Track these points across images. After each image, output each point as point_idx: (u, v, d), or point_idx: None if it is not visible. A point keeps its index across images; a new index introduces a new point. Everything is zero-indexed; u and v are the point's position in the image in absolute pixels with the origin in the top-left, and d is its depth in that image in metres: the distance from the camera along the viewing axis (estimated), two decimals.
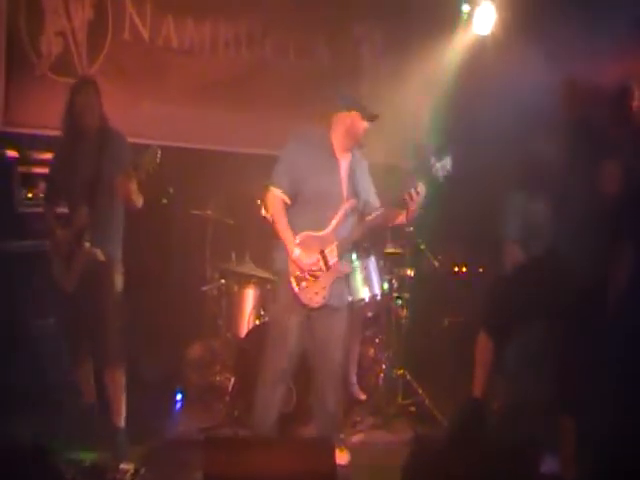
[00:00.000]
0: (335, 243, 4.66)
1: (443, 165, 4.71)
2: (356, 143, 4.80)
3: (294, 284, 4.65)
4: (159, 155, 4.55)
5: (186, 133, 6.76)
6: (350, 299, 5.92)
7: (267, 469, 3.80)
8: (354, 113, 4.70)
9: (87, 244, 4.69)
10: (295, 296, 4.66)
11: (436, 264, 6.63)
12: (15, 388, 5.16)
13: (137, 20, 6.62)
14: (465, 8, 7.51)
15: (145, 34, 6.66)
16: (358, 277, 5.94)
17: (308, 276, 4.64)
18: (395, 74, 7.62)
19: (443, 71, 7.60)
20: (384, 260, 6.30)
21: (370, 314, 6.36)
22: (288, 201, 4.65)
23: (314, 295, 4.66)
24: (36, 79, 6.16)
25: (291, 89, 7.16)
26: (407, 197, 4.56)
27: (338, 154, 4.77)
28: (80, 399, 5.06)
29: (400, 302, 6.30)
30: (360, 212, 4.81)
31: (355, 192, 4.78)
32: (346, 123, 4.72)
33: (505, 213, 5.66)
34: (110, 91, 6.25)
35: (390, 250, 6.39)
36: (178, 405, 6.03)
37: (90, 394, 5.07)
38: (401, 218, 4.80)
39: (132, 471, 4.63)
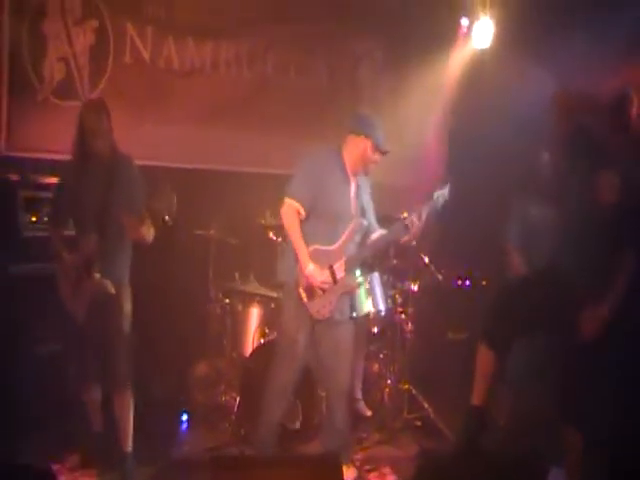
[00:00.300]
0: (343, 259, 4.76)
1: (442, 194, 4.90)
2: (364, 170, 4.90)
3: (303, 295, 4.73)
4: (175, 202, 4.55)
5: (189, 153, 6.80)
6: (354, 315, 5.99)
7: None
8: (368, 142, 4.77)
9: (97, 275, 4.68)
10: (304, 307, 4.74)
11: (440, 277, 6.64)
12: (19, 412, 5.16)
13: (138, 42, 6.66)
14: (464, 22, 7.56)
15: (146, 56, 6.69)
16: (362, 293, 5.98)
17: (317, 289, 4.71)
18: (395, 90, 7.68)
19: (443, 86, 7.65)
20: (388, 275, 6.33)
21: (375, 329, 6.36)
22: (303, 213, 4.72)
23: (321, 308, 4.74)
24: (39, 104, 6.18)
25: (292, 108, 7.21)
26: (409, 224, 4.76)
27: (350, 173, 4.85)
28: (87, 424, 5.08)
29: (404, 317, 6.32)
30: (365, 231, 4.91)
31: (362, 211, 4.89)
32: (360, 148, 4.81)
33: (506, 219, 5.72)
34: (112, 113, 6.31)
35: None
36: (184, 425, 6.02)
37: (97, 422, 5.08)
38: (405, 238, 4.91)
39: None
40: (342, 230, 4.76)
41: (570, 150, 4.75)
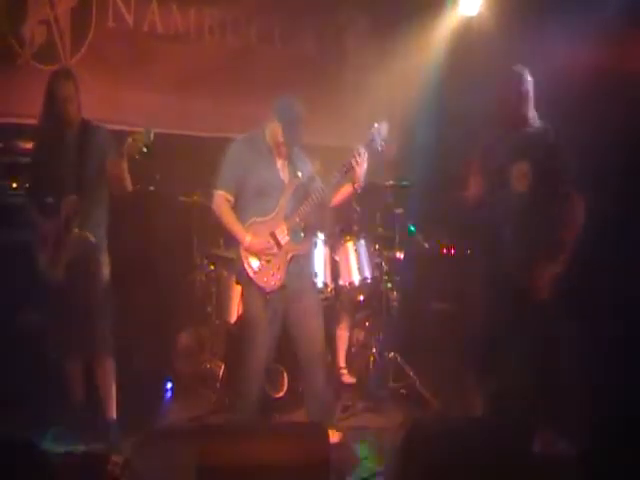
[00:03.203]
0: (284, 223, 4.81)
1: (378, 130, 4.82)
2: (278, 151, 4.90)
3: (249, 270, 4.77)
4: (152, 135, 4.53)
5: (172, 119, 6.72)
6: (341, 283, 5.98)
7: (262, 454, 3.81)
8: (280, 128, 4.81)
9: (76, 230, 4.68)
10: (251, 281, 4.77)
11: (426, 246, 6.62)
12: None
13: (121, 6, 6.55)
14: None
15: (130, 21, 6.60)
16: (351, 260, 5.98)
17: (262, 260, 4.77)
18: (381, 58, 7.61)
19: (430, 53, 7.58)
20: (374, 242, 6.31)
21: (360, 297, 6.34)
22: (231, 198, 4.82)
23: (270, 277, 4.77)
24: (19, 68, 6.07)
25: (277, 75, 7.13)
26: (353, 161, 4.74)
27: (273, 148, 4.91)
28: (69, 394, 5.04)
29: (390, 285, 6.30)
30: (305, 193, 4.91)
31: (295, 176, 4.92)
32: (273, 129, 4.86)
33: None
34: (95, 78, 6.22)
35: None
36: (168, 394, 6.00)
37: (78, 392, 5.06)
38: (347, 189, 4.95)
39: (123, 462, 4.61)
40: (277, 199, 4.84)
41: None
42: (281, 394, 5.54)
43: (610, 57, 5.23)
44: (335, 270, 6.05)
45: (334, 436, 4.87)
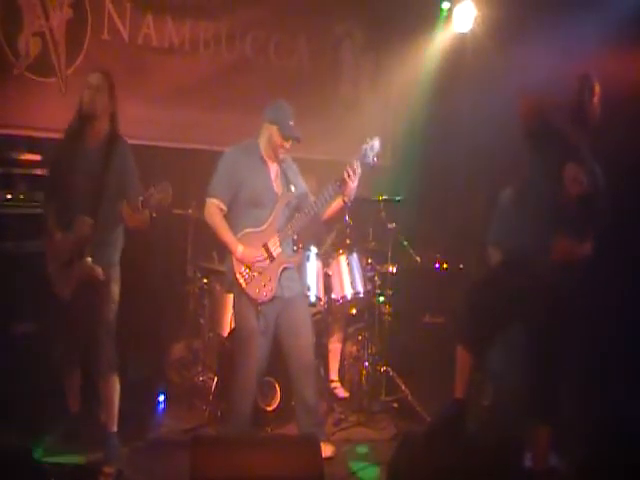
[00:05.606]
0: (276, 235, 4.84)
1: (371, 146, 4.86)
2: (275, 156, 4.96)
3: (241, 281, 4.79)
4: (171, 192, 4.51)
5: (167, 132, 6.74)
6: (334, 296, 5.98)
7: (255, 467, 3.81)
8: (274, 128, 4.88)
9: (89, 259, 4.57)
10: (243, 292, 4.80)
11: (418, 260, 6.63)
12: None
13: (116, 19, 6.56)
14: (445, 5, 7.55)
15: (124, 33, 6.61)
16: (343, 274, 5.99)
17: (253, 271, 4.80)
18: (375, 72, 7.65)
19: (423, 68, 7.63)
20: (367, 257, 6.32)
21: (353, 311, 6.37)
22: (224, 208, 4.85)
23: (262, 288, 4.80)
24: (14, 79, 6.07)
25: (272, 88, 7.14)
26: (345, 175, 4.76)
27: (267, 158, 4.96)
28: (66, 405, 5.02)
29: (383, 299, 6.31)
30: (297, 206, 4.99)
31: (288, 189, 4.97)
32: (267, 134, 4.93)
33: (490, 216, 5.63)
34: None
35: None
36: (161, 406, 5.99)
37: (75, 403, 5.03)
38: (338, 203, 4.97)
39: (115, 473, 4.60)
40: (269, 211, 4.88)
41: (535, 144, 4.75)
42: (273, 407, 5.54)
43: (603, 70, 5.25)
44: (328, 284, 6.06)
45: (326, 449, 4.87)
